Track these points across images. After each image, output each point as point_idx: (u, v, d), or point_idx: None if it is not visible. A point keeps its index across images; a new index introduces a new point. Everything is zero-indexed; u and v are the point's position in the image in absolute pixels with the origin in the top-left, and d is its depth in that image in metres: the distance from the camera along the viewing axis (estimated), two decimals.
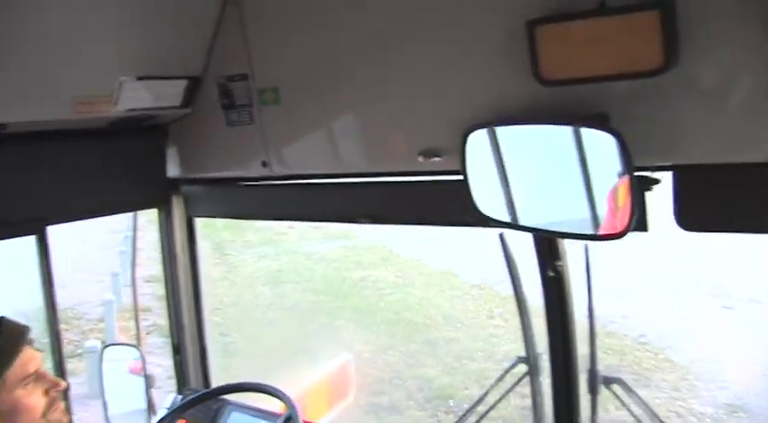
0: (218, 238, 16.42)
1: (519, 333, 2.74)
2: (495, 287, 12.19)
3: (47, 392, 1.94)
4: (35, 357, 1.92)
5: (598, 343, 2.56)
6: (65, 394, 2.03)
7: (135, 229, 3.49)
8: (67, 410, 2.03)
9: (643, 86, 1.80)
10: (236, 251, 16.49)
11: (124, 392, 3.13)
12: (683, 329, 9.85)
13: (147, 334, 11.46)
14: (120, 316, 12.34)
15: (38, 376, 1.92)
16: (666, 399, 7.95)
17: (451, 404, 8.71)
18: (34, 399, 1.90)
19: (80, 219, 3.10)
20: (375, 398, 8.89)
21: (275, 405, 2.79)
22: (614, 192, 1.85)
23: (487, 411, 2.88)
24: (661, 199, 1.91)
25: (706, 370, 8.68)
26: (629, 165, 1.75)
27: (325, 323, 12.00)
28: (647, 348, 9.62)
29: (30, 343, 1.91)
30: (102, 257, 14.87)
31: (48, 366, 2.11)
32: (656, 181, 1.88)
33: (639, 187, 1.82)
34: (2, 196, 2.49)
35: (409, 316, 12.14)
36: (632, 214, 1.77)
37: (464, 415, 2.94)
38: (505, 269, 2.61)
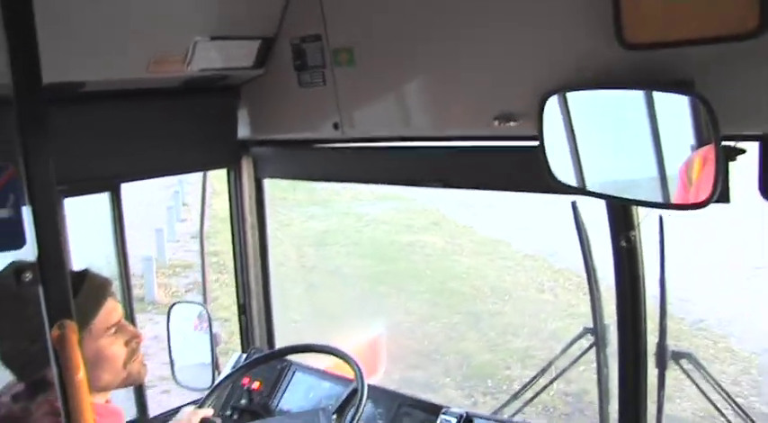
0: (270, 195, 15.86)
1: (568, 310, 2.71)
2: (548, 258, 11.83)
3: (127, 343, 2.01)
4: (117, 308, 1.99)
5: (651, 325, 2.49)
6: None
7: (204, 188, 3.53)
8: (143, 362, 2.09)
9: (731, 51, 1.73)
10: (287, 209, 15.98)
11: (190, 350, 3.20)
12: (747, 316, 9.16)
13: (187, 291, 11.69)
14: (162, 272, 12.51)
15: (119, 327, 1.99)
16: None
17: (489, 384, 8.36)
18: (116, 348, 1.97)
19: (152, 176, 3.16)
20: (410, 372, 8.55)
21: (340, 368, 2.82)
22: (690, 162, 1.79)
23: (551, 381, 2.87)
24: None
25: None
26: (716, 133, 1.68)
27: (367, 289, 11.75)
28: (706, 335, 9.06)
29: (112, 295, 1.97)
30: (147, 213, 14.73)
31: None
32: (742, 151, 1.81)
33: (724, 157, 1.75)
34: (78, 154, 2.54)
35: (455, 285, 11.75)
36: (716, 184, 1.71)
37: (527, 384, 2.93)
38: (576, 237, 2.57)
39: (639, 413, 2.57)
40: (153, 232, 13.38)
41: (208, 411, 2.70)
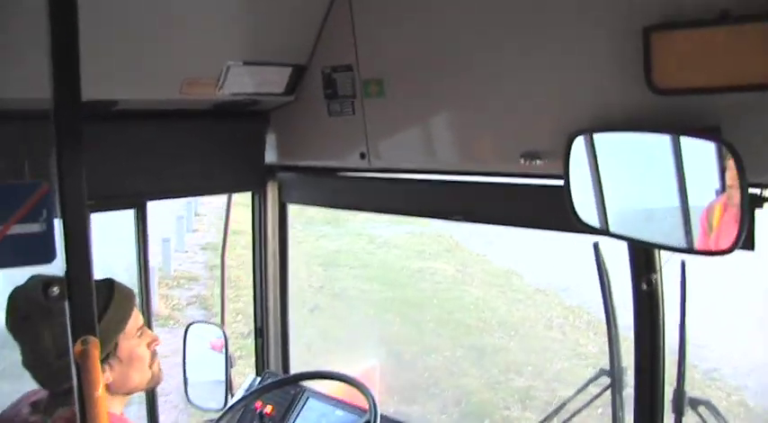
0: None
1: (576, 349, 2.68)
2: (560, 293, 11.48)
3: (149, 346, 2.12)
4: (139, 314, 2.12)
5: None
6: None
7: (228, 209, 3.56)
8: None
9: (758, 99, 1.73)
10: (300, 225, 15.03)
11: (204, 370, 3.21)
12: (765, 368, 8.61)
13: (188, 304, 11.34)
14: (165, 283, 12.25)
15: (142, 331, 2.11)
16: None
17: None
18: (142, 350, 2.09)
19: (178, 196, 3.20)
20: (406, 406, 8.24)
21: (354, 397, 2.82)
22: (712, 208, 1.79)
23: (566, 422, 2.84)
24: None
25: None
26: (742, 179, 1.68)
27: (372, 314, 11.51)
28: (719, 385, 8.52)
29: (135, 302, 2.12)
30: (158, 222, 13.98)
31: None
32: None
33: (750, 204, 1.75)
34: (107, 171, 2.58)
35: (462, 316, 11.46)
36: (741, 231, 1.71)
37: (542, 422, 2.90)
38: (597, 279, 2.56)
39: None
40: (160, 241, 13.18)
41: None
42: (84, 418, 1.17)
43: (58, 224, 1.18)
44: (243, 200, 3.40)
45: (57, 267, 1.19)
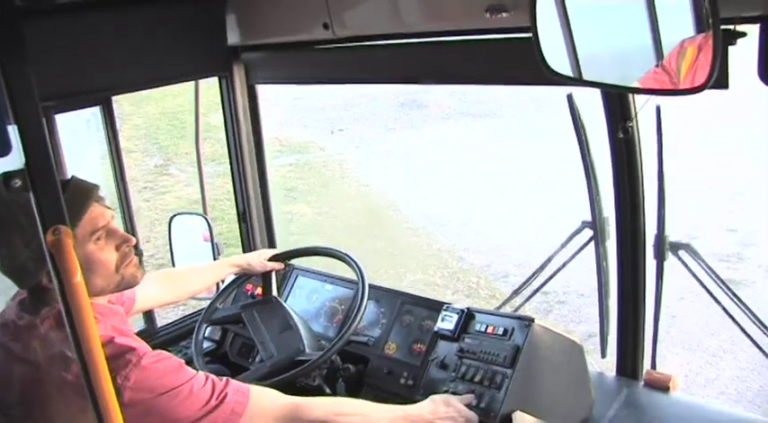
0: (171, 151, 12.50)
1: None
2: (434, 233, 9.06)
3: (118, 248, 1.99)
4: (103, 214, 1.95)
5: None
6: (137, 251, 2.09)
7: (197, 97, 3.49)
8: (141, 265, 2.09)
9: None
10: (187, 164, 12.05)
11: (192, 260, 3.23)
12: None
13: None
14: None
15: (108, 232, 1.96)
16: None
17: None
18: (106, 254, 1.96)
19: (142, 88, 3.12)
20: None
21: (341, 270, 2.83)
22: (686, 46, 1.75)
23: (552, 276, 2.90)
24: None
25: None
26: (715, 15, 1.63)
27: None
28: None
29: (98, 200, 1.95)
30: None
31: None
32: (742, 34, 1.77)
33: (724, 40, 1.71)
34: (64, 70, 2.51)
35: None
36: (713, 68, 1.68)
37: (528, 279, 2.96)
38: (573, 131, 2.55)
39: (638, 304, 2.61)
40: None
41: (278, 265, 2.97)
42: (68, 305, 1.16)
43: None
44: None
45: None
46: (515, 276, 7.15)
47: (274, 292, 2.92)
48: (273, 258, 2.97)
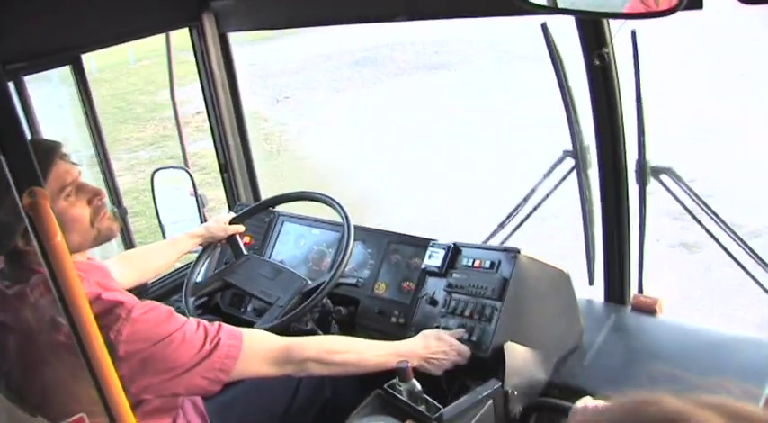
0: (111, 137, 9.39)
1: None
2: None
3: (90, 202, 1.98)
4: (70, 170, 1.93)
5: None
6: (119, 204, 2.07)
7: (169, 50, 3.44)
8: (116, 217, 2.07)
9: None
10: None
11: (178, 213, 3.23)
12: None
13: None
14: None
15: (77, 188, 1.95)
16: None
17: None
18: (78, 210, 1.95)
19: (111, 44, 3.07)
20: None
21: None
22: None
23: (536, 207, 2.91)
24: None
25: None
26: None
27: None
28: None
29: (62, 157, 1.92)
30: None
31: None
32: None
33: None
34: (30, 30, 2.45)
35: None
36: None
37: (512, 212, 2.97)
38: (549, 61, 2.52)
39: (623, 231, 2.63)
40: None
41: (239, 228, 2.94)
42: (51, 266, 1.16)
43: None
44: None
45: None
46: None
47: (245, 252, 2.91)
48: (233, 221, 2.97)
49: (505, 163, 8.02)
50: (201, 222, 3.13)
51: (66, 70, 2.87)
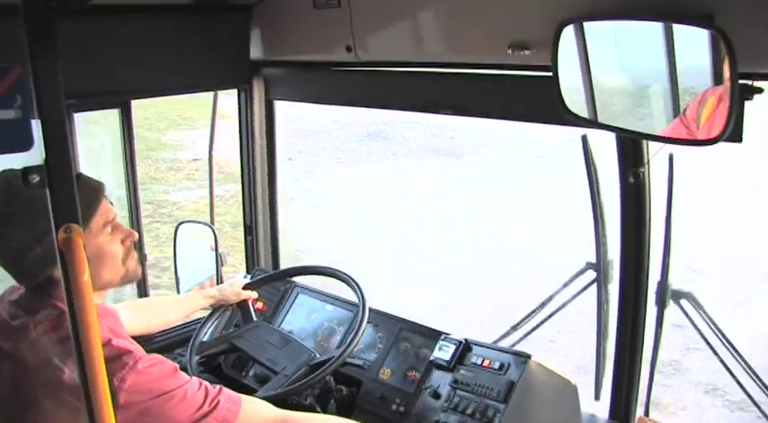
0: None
1: None
2: None
3: (122, 242, 2.03)
4: (110, 208, 2.01)
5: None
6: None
7: (215, 109, 3.53)
8: (140, 263, 2.13)
9: None
10: None
11: (196, 268, 3.24)
12: None
13: None
14: None
15: (114, 226, 2.01)
16: None
17: None
18: (114, 246, 2.00)
19: (161, 94, 3.16)
20: None
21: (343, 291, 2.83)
22: (703, 98, 1.76)
23: (551, 315, 2.89)
24: None
25: None
26: (733, 69, 1.65)
27: None
28: None
29: (105, 196, 2.00)
30: None
31: None
32: (759, 90, 1.78)
33: (740, 94, 1.72)
34: (88, 70, 2.53)
35: None
36: (728, 122, 1.69)
37: (526, 317, 2.96)
38: (585, 172, 2.56)
39: (636, 350, 2.60)
40: None
41: (252, 294, 2.93)
42: (72, 303, 1.17)
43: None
44: None
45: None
46: None
47: (254, 318, 2.91)
48: (247, 287, 2.97)
49: (492, 268, 7.86)
50: (217, 280, 3.14)
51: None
